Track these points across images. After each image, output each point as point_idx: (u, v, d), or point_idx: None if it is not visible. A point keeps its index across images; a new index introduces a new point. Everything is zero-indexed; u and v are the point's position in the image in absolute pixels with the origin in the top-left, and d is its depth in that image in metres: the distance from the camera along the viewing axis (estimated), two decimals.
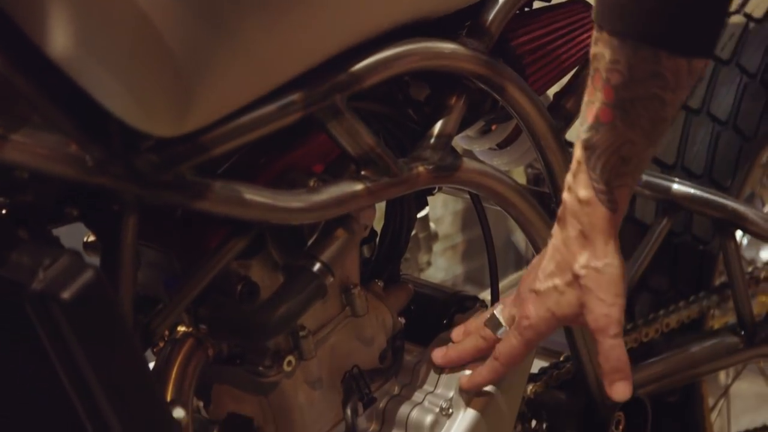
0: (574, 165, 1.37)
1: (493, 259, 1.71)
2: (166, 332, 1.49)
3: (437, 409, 1.61)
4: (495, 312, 1.50)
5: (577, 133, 1.38)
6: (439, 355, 1.58)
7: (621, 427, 1.81)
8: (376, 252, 1.65)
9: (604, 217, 1.38)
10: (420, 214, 1.82)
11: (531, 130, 1.60)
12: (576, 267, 1.39)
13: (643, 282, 1.98)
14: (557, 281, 1.41)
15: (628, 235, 1.98)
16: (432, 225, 1.97)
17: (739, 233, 1.96)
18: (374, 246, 1.68)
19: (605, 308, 1.38)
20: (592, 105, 1.33)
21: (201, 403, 1.59)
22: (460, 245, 3.35)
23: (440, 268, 3.37)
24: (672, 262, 1.99)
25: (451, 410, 1.62)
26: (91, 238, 1.47)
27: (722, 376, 2.28)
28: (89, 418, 1.31)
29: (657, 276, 1.99)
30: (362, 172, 1.45)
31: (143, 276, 1.43)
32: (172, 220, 1.44)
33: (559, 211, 1.41)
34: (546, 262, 1.43)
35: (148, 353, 1.45)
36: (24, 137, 1.22)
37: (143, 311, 1.41)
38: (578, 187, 1.37)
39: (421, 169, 1.50)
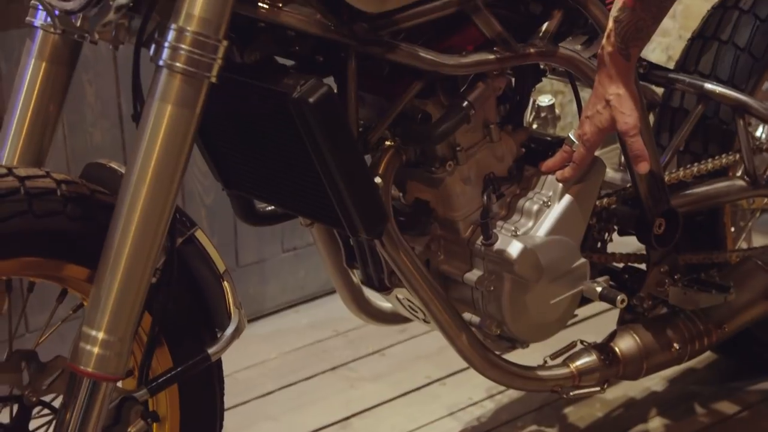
0: (606, 33, 1.94)
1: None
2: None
3: (541, 202, 2.13)
4: (570, 134, 2.07)
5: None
6: (543, 166, 2.12)
7: (662, 229, 2.28)
8: (507, 108, 2.17)
9: (622, 64, 1.99)
10: (548, 103, 2.33)
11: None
12: (606, 95, 1.97)
13: (686, 148, 2.47)
14: (598, 107, 2.03)
15: (676, 119, 2.49)
16: (557, 110, 2.47)
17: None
18: (506, 106, 2.19)
19: (625, 117, 1.97)
20: None
21: (400, 194, 2.14)
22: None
23: None
24: (705, 136, 2.48)
25: (549, 203, 2.13)
26: None
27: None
28: (328, 183, 1.88)
29: (696, 144, 2.48)
30: (495, 48, 1.99)
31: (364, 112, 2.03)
32: (379, 77, 2.00)
33: (597, 62, 1.98)
34: (592, 98, 2.01)
35: None
36: (291, 9, 1.81)
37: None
38: (608, 45, 1.95)
39: (532, 49, 2.05)
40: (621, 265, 2.41)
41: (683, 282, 2.36)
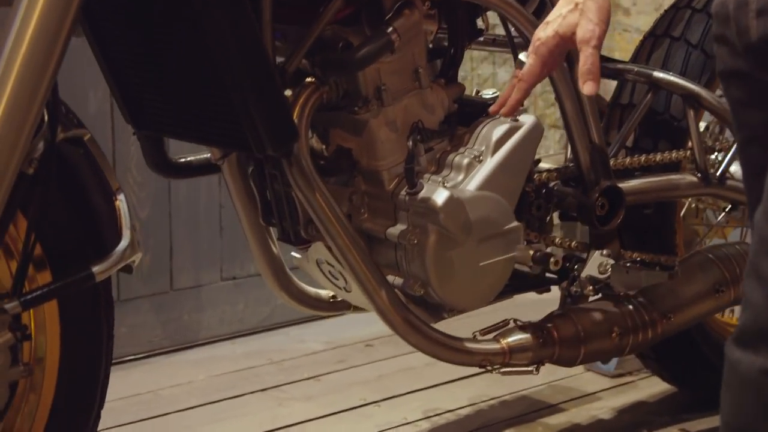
0: None
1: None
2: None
3: (472, 156, 1.92)
4: (520, 56, 1.85)
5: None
6: (492, 108, 1.90)
7: (605, 209, 2.06)
8: (441, 61, 1.97)
9: None
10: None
11: None
12: None
13: (636, 145, 2.27)
14: (563, 10, 1.78)
15: (626, 115, 2.29)
16: None
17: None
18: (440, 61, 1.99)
19: (591, 26, 1.75)
20: None
21: (323, 146, 1.95)
22: None
23: None
24: (656, 133, 2.28)
25: (481, 158, 1.92)
26: None
27: None
28: (233, 87, 1.68)
29: (645, 141, 2.28)
30: None
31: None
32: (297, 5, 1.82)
33: None
34: (559, 3, 1.78)
35: None
36: None
37: None
38: None
39: None
40: (561, 252, 2.17)
41: (625, 262, 2.12)
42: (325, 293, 2.18)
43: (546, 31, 1.79)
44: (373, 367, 2.83)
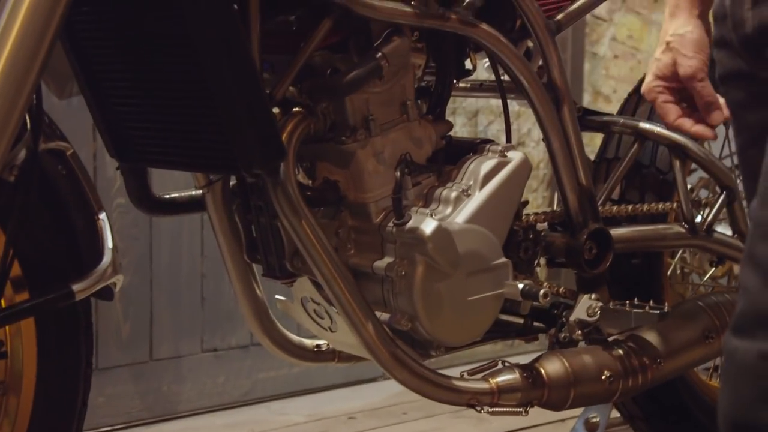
0: None
1: None
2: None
3: (460, 190, 1.88)
4: None
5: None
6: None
7: (593, 252, 2.01)
8: (430, 99, 1.94)
9: None
10: None
11: None
12: (667, 37, 1.72)
13: (622, 197, 2.23)
14: (657, 54, 1.77)
15: (612, 169, 2.26)
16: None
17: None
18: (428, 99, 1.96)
19: (688, 60, 1.70)
20: None
21: (309, 182, 1.91)
22: None
23: None
24: (642, 186, 2.24)
25: (469, 192, 1.87)
26: None
27: None
28: (220, 101, 1.63)
29: (632, 193, 2.24)
30: (412, 2, 1.80)
31: None
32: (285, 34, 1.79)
33: None
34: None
35: None
36: None
37: None
38: None
39: (453, 15, 1.85)
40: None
41: (614, 304, 2.06)
42: (309, 342, 2.11)
43: (647, 80, 1.80)
44: None
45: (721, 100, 1.82)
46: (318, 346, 2.10)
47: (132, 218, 2.75)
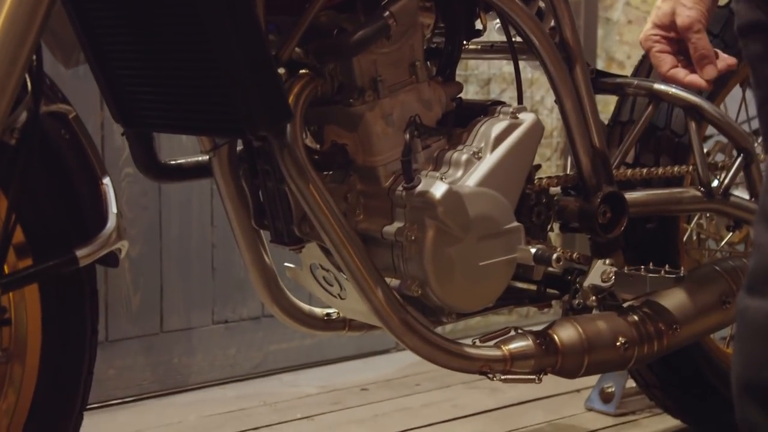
0: None
1: None
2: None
3: (471, 153, 1.83)
4: None
5: None
6: None
7: (607, 216, 1.97)
8: (439, 60, 1.89)
9: None
10: None
11: None
12: None
13: (637, 161, 2.19)
14: (658, 2, 1.75)
15: (626, 132, 2.21)
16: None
17: None
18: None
19: (687, 11, 1.68)
20: None
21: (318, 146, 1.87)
22: None
23: None
24: (657, 149, 2.20)
25: (480, 154, 1.83)
26: None
27: None
28: (224, 61, 1.58)
29: (646, 157, 2.20)
30: None
31: None
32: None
33: None
34: None
35: None
36: None
37: None
38: None
39: None
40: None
41: (629, 269, 2.02)
42: (320, 311, 2.07)
43: (645, 28, 1.77)
44: (369, 409, 2.71)
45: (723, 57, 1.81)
46: (328, 314, 2.07)
47: (141, 188, 2.71)
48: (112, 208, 1.65)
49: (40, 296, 1.62)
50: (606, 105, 2.94)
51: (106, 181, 1.66)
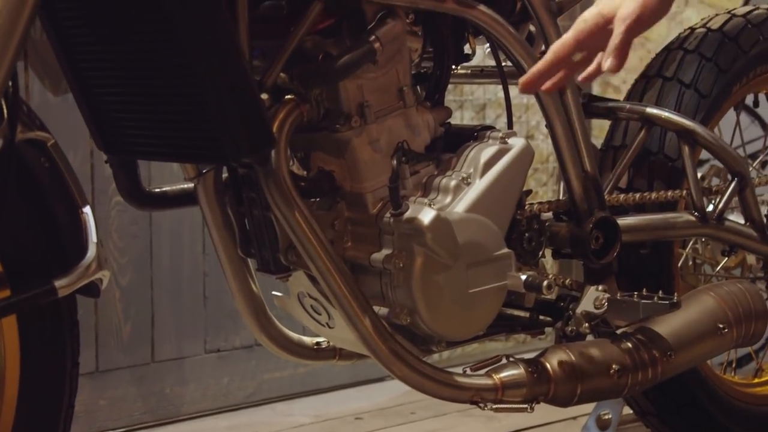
0: None
1: None
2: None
3: (460, 178, 1.80)
4: None
5: None
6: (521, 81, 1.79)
7: (599, 242, 1.94)
8: (427, 84, 1.86)
9: None
10: None
11: None
12: None
13: (630, 186, 2.16)
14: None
15: (619, 157, 2.17)
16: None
17: None
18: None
19: (633, 6, 1.68)
20: None
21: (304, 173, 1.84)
22: None
23: None
24: (650, 173, 2.16)
25: (470, 180, 1.79)
26: None
27: None
28: (205, 87, 1.56)
29: (639, 181, 2.16)
30: None
31: None
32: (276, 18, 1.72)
33: None
34: None
35: None
36: None
37: None
38: None
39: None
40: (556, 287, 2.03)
41: (622, 295, 1.98)
42: (309, 340, 2.03)
43: (590, 10, 1.72)
44: None
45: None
46: (318, 343, 2.02)
47: (131, 216, 2.67)
48: (92, 238, 1.62)
49: (18, 328, 1.57)
50: (602, 130, 2.90)
51: (86, 209, 1.62)
